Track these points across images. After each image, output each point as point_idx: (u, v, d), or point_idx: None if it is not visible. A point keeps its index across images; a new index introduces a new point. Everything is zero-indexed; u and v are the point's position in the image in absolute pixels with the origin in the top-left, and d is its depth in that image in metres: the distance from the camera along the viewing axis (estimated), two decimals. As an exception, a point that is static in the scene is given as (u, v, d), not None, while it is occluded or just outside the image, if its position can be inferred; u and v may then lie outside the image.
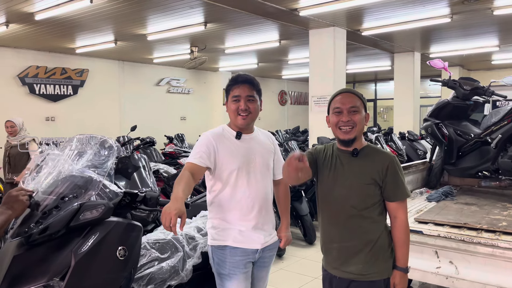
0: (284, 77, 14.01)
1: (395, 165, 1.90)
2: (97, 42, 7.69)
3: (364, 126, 1.95)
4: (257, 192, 2.12)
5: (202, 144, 2.11)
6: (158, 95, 10.89)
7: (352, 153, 1.91)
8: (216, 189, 2.13)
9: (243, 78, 2.12)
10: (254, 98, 2.11)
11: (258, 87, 2.16)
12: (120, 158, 3.62)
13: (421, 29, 7.05)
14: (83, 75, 9.26)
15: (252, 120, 2.14)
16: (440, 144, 4.48)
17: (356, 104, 1.89)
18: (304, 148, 6.42)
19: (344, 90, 1.97)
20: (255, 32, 7.03)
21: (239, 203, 2.09)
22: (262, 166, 2.16)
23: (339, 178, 1.93)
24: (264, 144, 2.22)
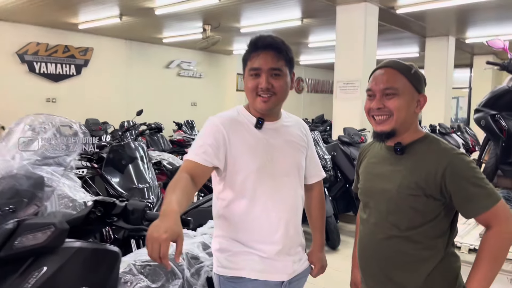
0: (302, 63, 13.25)
1: (458, 167, 1.31)
2: (101, 17, 7.06)
3: (415, 114, 1.41)
4: (284, 204, 1.54)
5: (208, 133, 1.49)
6: (168, 78, 10.25)
7: (395, 150, 1.40)
8: (227, 198, 1.54)
9: (265, 42, 1.48)
10: (281, 72, 1.48)
11: (289, 54, 1.51)
12: (112, 147, 2.97)
13: (460, 9, 6.29)
14: (87, 54, 8.64)
15: (278, 103, 1.53)
16: (497, 139, 3.75)
17: (394, 84, 1.36)
18: (327, 139, 5.72)
19: (383, 64, 1.43)
20: (274, 8, 6.30)
21: (258, 219, 1.51)
22: (292, 166, 1.58)
23: (375, 183, 1.46)
24: (294, 135, 1.63)
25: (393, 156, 1.41)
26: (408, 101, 1.37)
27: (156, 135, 7.53)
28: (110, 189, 2.85)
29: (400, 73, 1.38)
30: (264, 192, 1.49)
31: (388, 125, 1.37)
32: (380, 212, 1.42)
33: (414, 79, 1.38)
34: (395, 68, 1.39)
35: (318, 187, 1.77)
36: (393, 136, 1.40)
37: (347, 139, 5.10)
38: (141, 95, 9.53)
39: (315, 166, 1.73)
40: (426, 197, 1.32)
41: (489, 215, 1.28)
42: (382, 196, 1.41)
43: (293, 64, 1.55)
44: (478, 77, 11.10)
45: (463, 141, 7.78)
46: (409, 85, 1.37)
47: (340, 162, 5.04)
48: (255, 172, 1.48)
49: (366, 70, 5.77)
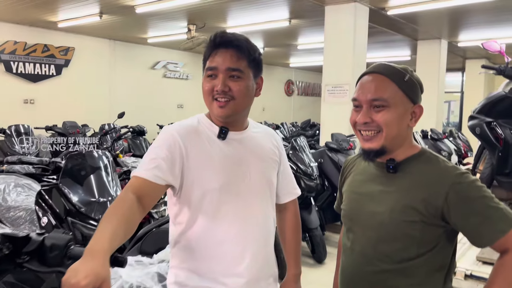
0: (292, 65, 13.04)
1: (463, 188, 1.12)
2: (81, 15, 6.76)
3: (409, 128, 1.21)
4: (252, 228, 1.32)
5: (162, 145, 1.26)
6: (153, 80, 9.94)
7: (387, 167, 1.20)
8: (184, 221, 1.30)
9: (225, 38, 1.27)
10: (242, 74, 1.26)
11: (253, 55, 1.29)
12: (70, 155, 2.67)
13: (453, 11, 6.09)
14: (68, 53, 8.31)
15: (238, 110, 1.30)
16: (492, 148, 3.54)
17: (383, 94, 1.16)
18: (314, 145, 5.47)
19: (371, 69, 1.23)
20: (261, 8, 6.06)
21: (221, 247, 1.28)
22: (261, 184, 1.36)
23: (362, 204, 1.25)
24: (264, 148, 1.41)
25: (384, 174, 1.22)
26: (400, 113, 1.17)
27: (138, 139, 7.26)
28: (67, 203, 2.56)
29: (391, 80, 1.17)
30: (228, 214, 1.27)
31: (376, 143, 1.18)
32: (368, 239, 1.21)
33: (408, 88, 1.18)
34: (385, 74, 1.19)
35: (292, 207, 1.55)
36: (383, 155, 1.21)
37: (335, 146, 4.86)
38: (125, 97, 9.21)
39: (289, 183, 1.51)
40: (424, 223, 1.13)
41: (507, 239, 1.08)
42: (370, 221, 1.21)
43: (260, 68, 1.33)
44: (471, 81, 10.97)
45: (455, 147, 7.61)
46: (402, 94, 1.17)
47: (327, 169, 4.80)
48: (217, 191, 1.26)
49: (356, 73, 5.53)
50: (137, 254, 1.95)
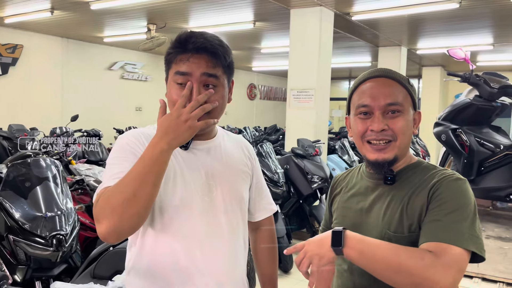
0: (255, 69, 12.94)
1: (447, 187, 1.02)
2: (30, 10, 6.28)
3: (412, 136, 1.15)
4: (218, 250, 1.17)
5: (123, 152, 1.12)
6: (110, 81, 9.47)
7: (385, 179, 1.11)
8: (139, 243, 1.16)
9: (198, 44, 1.11)
10: (218, 81, 1.13)
11: (228, 59, 1.16)
12: (13, 164, 2.36)
13: (412, 19, 6.20)
14: (15, 51, 7.73)
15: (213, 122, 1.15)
16: (458, 155, 3.56)
17: (397, 98, 1.09)
18: (280, 151, 5.34)
19: (376, 73, 1.13)
20: (225, 9, 5.88)
21: (183, 273, 1.12)
22: (228, 199, 1.21)
23: (358, 221, 1.15)
24: (234, 159, 1.28)
25: (380, 187, 1.14)
26: (410, 120, 1.11)
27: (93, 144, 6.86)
28: (8, 219, 2.25)
29: (400, 84, 1.11)
30: (191, 235, 1.13)
31: (390, 152, 1.08)
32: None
33: (414, 92, 1.13)
34: (395, 78, 1.12)
35: (267, 225, 1.41)
36: (393, 165, 1.12)
37: (301, 152, 4.76)
38: (79, 99, 8.71)
39: (263, 198, 1.38)
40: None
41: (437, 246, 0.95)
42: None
43: (232, 71, 1.20)
44: (427, 88, 11.33)
45: (414, 152, 7.76)
46: (410, 99, 1.12)
47: (293, 176, 4.69)
48: (177, 208, 1.12)
49: (321, 78, 5.48)
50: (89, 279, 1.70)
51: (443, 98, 11.58)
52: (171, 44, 1.14)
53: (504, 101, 3.51)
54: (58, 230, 2.29)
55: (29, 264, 2.26)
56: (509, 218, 3.42)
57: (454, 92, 11.19)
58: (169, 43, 1.16)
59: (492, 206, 3.82)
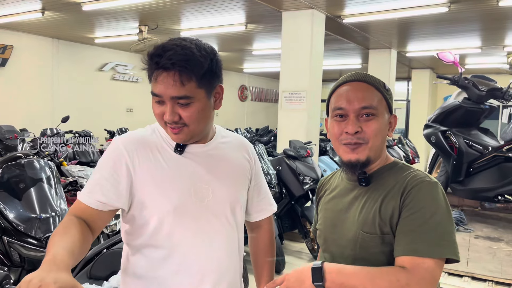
0: (246, 71, 12.96)
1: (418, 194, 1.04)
2: (21, 11, 6.23)
3: (387, 138, 1.20)
4: (212, 254, 1.17)
5: (107, 162, 1.14)
6: (101, 82, 9.42)
7: (359, 181, 1.14)
8: (134, 245, 1.17)
9: (164, 61, 1.05)
10: (191, 100, 1.08)
11: (204, 67, 1.08)
12: (7, 165, 2.36)
13: (401, 22, 6.29)
14: (5, 52, 7.64)
15: (194, 134, 1.15)
16: (447, 156, 3.62)
17: (372, 102, 1.11)
18: (272, 153, 5.37)
19: (352, 77, 1.17)
20: (217, 11, 5.89)
21: (176, 277, 1.14)
22: (224, 204, 1.21)
23: (336, 222, 1.18)
24: (233, 161, 1.27)
25: (357, 188, 1.16)
26: (385, 123, 1.14)
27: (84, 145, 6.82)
28: (2, 220, 2.25)
29: (375, 88, 1.14)
30: (184, 239, 1.13)
31: (362, 153, 1.11)
32: (345, 259, 1.12)
33: (389, 97, 1.16)
34: (370, 82, 1.14)
35: (266, 225, 1.41)
36: (367, 166, 1.14)
37: (293, 153, 4.80)
38: (70, 100, 8.65)
39: (263, 199, 1.38)
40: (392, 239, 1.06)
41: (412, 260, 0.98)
42: (345, 239, 1.13)
43: (216, 76, 1.13)
44: (416, 90, 11.45)
45: (404, 153, 7.85)
46: (385, 103, 1.14)
47: (285, 177, 4.72)
48: (171, 214, 1.12)
49: (313, 80, 5.53)
50: (86, 279, 1.71)
51: (432, 100, 11.72)
52: (147, 56, 1.12)
53: (492, 104, 3.59)
54: (52, 231, 2.29)
55: (23, 265, 2.26)
56: (497, 218, 3.48)
57: (443, 94, 11.33)
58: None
59: (480, 206, 3.88)
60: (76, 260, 0.95)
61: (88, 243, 1.04)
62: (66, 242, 0.95)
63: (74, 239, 0.98)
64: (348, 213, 1.15)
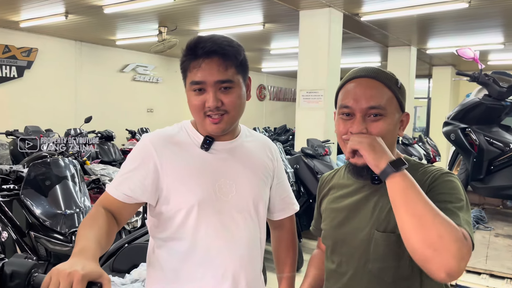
0: (264, 70, 13.00)
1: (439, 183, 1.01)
2: (45, 15, 6.42)
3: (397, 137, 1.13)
4: (234, 249, 1.19)
5: (136, 158, 1.18)
6: (122, 83, 9.62)
7: (372, 179, 1.08)
8: (160, 238, 1.21)
9: (207, 49, 1.11)
10: (233, 84, 1.14)
11: (239, 58, 1.15)
12: (33, 164, 2.46)
13: (421, 18, 6.20)
14: (31, 55, 7.90)
15: (233, 123, 1.20)
16: (467, 154, 3.57)
17: (380, 101, 1.04)
18: (289, 151, 5.39)
19: (361, 73, 1.10)
20: (235, 11, 5.95)
21: (200, 269, 1.16)
22: (247, 199, 1.23)
23: (346, 221, 1.13)
24: (256, 159, 1.28)
25: (368, 187, 1.10)
26: (395, 123, 1.07)
27: (106, 144, 6.99)
28: (29, 216, 2.35)
29: (385, 85, 1.06)
30: (208, 233, 1.16)
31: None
32: (358, 260, 1.08)
33: (401, 94, 1.08)
34: (379, 79, 1.07)
35: (288, 224, 1.41)
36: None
37: (311, 151, 4.81)
38: (92, 101, 8.86)
39: (285, 198, 1.38)
40: None
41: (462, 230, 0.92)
42: (356, 239, 1.09)
43: (246, 68, 1.20)
44: (437, 87, 11.26)
45: (425, 152, 7.75)
46: (396, 102, 1.07)
47: (303, 175, 4.74)
48: (196, 208, 1.14)
49: (331, 78, 5.52)
50: (109, 272, 1.78)
51: (454, 97, 11.51)
52: (183, 52, 1.16)
53: (514, 101, 3.53)
54: (76, 226, 2.38)
55: (49, 259, 2.35)
56: (518, 216, 3.42)
57: (465, 92, 11.11)
58: (180, 47, 1.20)
59: (502, 204, 3.82)
60: (103, 250, 1.01)
61: (114, 233, 1.10)
62: (94, 233, 1.01)
63: (101, 230, 1.03)
64: (358, 213, 1.10)
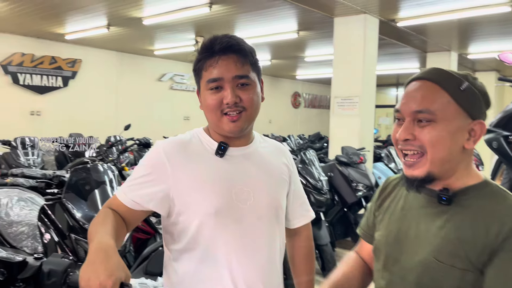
0: (299, 77, 12.98)
1: None
2: (89, 27, 6.75)
3: (467, 150, 0.95)
4: (255, 258, 1.15)
5: (147, 164, 1.15)
6: (160, 92, 9.91)
7: (438, 198, 0.95)
8: (175, 249, 1.16)
9: (225, 44, 1.11)
10: (250, 80, 1.13)
11: (254, 57, 1.16)
12: (74, 170, 2.57)
13: (462, 23, 6.01)
14: (75, 65, 8.30)
15: (250, 121, 1.16)
16: (510, 163, 3.42)
17: (431, 105, 0.92)
18: (323, 159, 5.35)
19: (420, 74, 0.99)
20: (269, 19, 6.00)
21: (220, 281, 1.11)
22: (267, 206, 1.18)
23: (403, 239, 1.02)
24: (272, 165, 1.24)
25: (435, 206, 0.97)
26: (452, 131, 0.93)
27: (144, 151, 7.19)
28: (70, 219, 2.45)
29: (442, 88, 0.93)
30: (227, 243, 1.12)
31: (420, 169, 0.95)
32: (408, 284, 0.98)
33: (465, 99, 0.93)
34: (435, 80, 0.94)
35: (304, 232, 1.37)
36: (431, 183, 0.97)
37: (345, 159, 4.74)
38: (132, 109, 9.17)
39: (301, 205, 1.34)
40: (472, 273, 0.89)
41: None
42: (411, 262, 0.98)
43: (259, 69, 1.20)
44: None
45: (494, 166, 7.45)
46: (456, 107, 0.93)
47: (337, 183, 4.67)
48: (213, 217, 1.10)
49: (366, 85, 5.45)
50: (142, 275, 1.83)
51: (498, 104, 11.01)
52: (198, 53, 1.15)
53: (561, 107, 3.34)
54: (114, 230, 2.46)
55: (88, 261, 2.43)
56: None
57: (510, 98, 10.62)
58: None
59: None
60: (118, 245, 0.98)
61: (124, 233, 1.08)
62: (107, 228, 0.99)
63: (113, 226, 1.02)
64: (418, 232, 0.99)
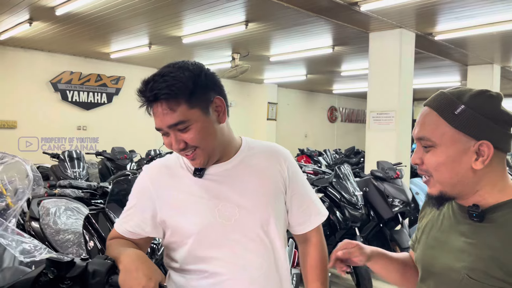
0: (335, 92, 12.93)
1: None
2: (132, 46, 7.10)
3: (478, 171, 0.95)
4: (246, 275, 1.14)
5: (134, 192, 1.24)
6: (198, 107, 10.18)
7: (469, 214, 0.97)
8: (174, 267, 1.22)
9: (153, 91, 1.07)
10: (187, 122, 1.07)
11: (189, 89, 1.06)
12: (116, 181, 2.73)
13: (505, 35, 5.83)
14: (119, 82, 8.72)
15: (209, 153, 1.13)
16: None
17: (427, 132, 0.98)
18: (359, 174, 5.31)
19: (425, 101, 1.05)
20: (304, 35, 6.09)
21: None
22: (255, 222, 1.16)
23: (438, 255, 1.04)
24: (262, 171, 1.21)
25: (468, 222, 0.99)
26: (452, 155, 0.95)
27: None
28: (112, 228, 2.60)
29: (439, 114, 0.96)
30: (215, 261, 1.13)
31: (433, 188, 1.00)
32: None
33: (461, 122, 0.94)
34: (434, 107, 0.98)
35: (314, 238, 1.30)
36: (448, 200, 1.02)
37: (381, 174, 4.69)
38: (171, 124, 9.47)
39: (305, 209, 1.27)
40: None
41: None
42: (445, 277, 1.00)
43: (208, 90, 1.12)
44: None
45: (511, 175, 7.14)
46: (453, 132, 0.95)
47: (372, 199, 4.62)
48: (197, 236, 1.12)
49: (402, 99, 5.39)
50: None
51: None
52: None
53: None
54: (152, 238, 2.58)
55: (127, 268, 2.55)
56: None
57: (560, 112, 10.09)
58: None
59: None
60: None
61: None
62: (124, 243, 1.10)
63: (128, 243, 1.13)
64: (453, 250, 1.00)
